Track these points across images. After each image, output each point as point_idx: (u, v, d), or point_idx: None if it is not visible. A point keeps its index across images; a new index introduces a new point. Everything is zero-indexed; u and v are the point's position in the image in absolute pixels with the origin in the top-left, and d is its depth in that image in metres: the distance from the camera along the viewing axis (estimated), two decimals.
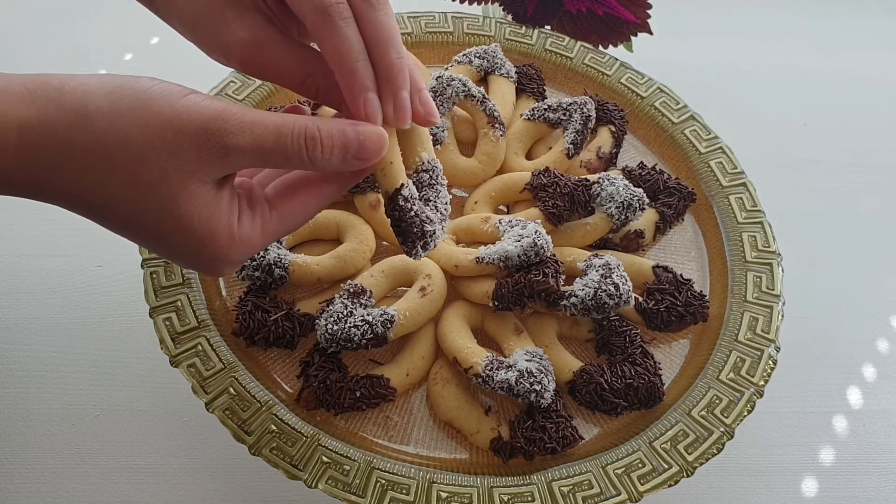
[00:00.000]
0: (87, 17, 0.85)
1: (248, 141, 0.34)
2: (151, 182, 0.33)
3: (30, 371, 0.58)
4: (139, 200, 0.33)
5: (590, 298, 0.51)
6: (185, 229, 0.34)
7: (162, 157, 0.33)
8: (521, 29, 0.75)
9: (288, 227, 0.38)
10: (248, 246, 0.36)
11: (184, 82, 0.61)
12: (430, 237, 0.41)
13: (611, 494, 0.47)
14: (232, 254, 0.36)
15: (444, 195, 0.43)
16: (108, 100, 0.33)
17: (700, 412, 0.51)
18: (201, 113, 0.33)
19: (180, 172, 0.33)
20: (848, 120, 0.88)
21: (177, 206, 0.34)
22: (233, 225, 0.35)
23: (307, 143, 0.35)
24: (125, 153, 0.32)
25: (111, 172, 0.33)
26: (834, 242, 0.77)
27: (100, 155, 0.32)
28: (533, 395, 0.48)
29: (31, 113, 0.32)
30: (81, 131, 0.32)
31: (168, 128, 0.33)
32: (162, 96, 0.33)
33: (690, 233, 0.65)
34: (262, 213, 0.37)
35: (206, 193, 0.34)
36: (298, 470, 0.45)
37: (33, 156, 0.32)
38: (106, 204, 0.34)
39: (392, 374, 0.51)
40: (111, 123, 0.32)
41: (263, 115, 0.35)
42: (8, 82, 0.32)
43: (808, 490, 0.59)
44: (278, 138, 0.34)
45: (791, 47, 0.97)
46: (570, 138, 0.63)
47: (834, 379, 0.66)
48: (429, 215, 0.41)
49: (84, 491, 0.53)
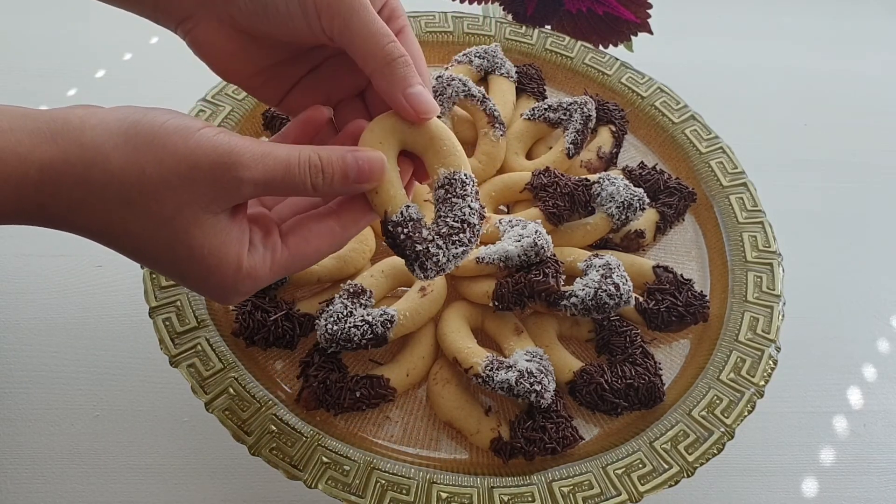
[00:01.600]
0: (86, 17, 0.85)
1: (259, 174, 0.35)
2: (166, 216, 0.35)
3: (30, 371, 0.58)
4: (153, 233, 0.35)
5: (590, 298, 0.51)
6: (195, 259, 0.36)
7: (177, 193, 0.34)
8: (522, 29, 0.75)
9: (297, 266, 0.39)
10: (254, 279, 0.38)
11: (183, 81, 0.61)
12: (425, 257, 0.40)
13: (611, 495, 0.47)
14: (238, 284, 0.37)
15: (461, 209, 0.41)
16: (125, 137, 0.34)
17: (700, 412, 0.51)
18: (216, 148, 0.35)
19: (193, 206, 0.35)
20: (848, 120, 0.88)
21: (189, 237, 0.35)
22: (241, 256, 0.37)
23: (311, 171, 0.37)
24: (140, 190, 0.34)
25: (128, 208, 0.34)
26: (834, 242, 0.77)
27: (117, 192, 0.34)
28: (533, 395, 0.48)
29: (53, 153, 0.33)
30: (100, 169, 0.34)
31: (183, 163, 0.34)
32: (177, 131, 0.35)
33: (691, 233, 0.65)
34: (273, 249, 0.38)
35: (217, 224, 0.36)
36: (298, 470, 0.45)
37: (53, 193, 0.33)
38: (122, 236, 0.35)
39: (392, 374, 0.51)
40: (128, 161, 0.34)
41: (272, 148, 0.36)
42: (34, 121, 0.34)
43: (808, 490, 0.59)
44: (287, 170, 0.36)
45: (791, 47, 0.97)
46: (571, 138, 0.63)
47: (834, 379, 0.66)
48: (422, 235, 0.40)
49: (84, 491, 0.53)
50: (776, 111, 0.88)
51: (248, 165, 0.35)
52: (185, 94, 0.65)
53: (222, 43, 0.41)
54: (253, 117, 0.64)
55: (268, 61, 0.43)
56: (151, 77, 0.79)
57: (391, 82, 0.39)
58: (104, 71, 0.80)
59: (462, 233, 0.41)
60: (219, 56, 0.42)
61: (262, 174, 0.35)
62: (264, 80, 0.44)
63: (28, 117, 0.34)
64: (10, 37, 0.81)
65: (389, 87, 0.39)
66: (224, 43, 0.41)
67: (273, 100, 0.45)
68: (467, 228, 0.41)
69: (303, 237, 0.39)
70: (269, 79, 0.44)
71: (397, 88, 0.39)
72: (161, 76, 0.79)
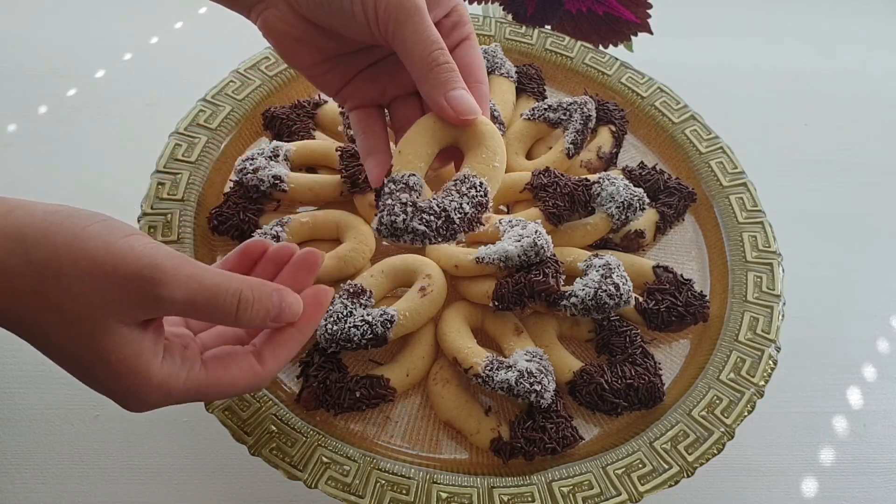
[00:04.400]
0: (86, 16, 0.85)
1: (181, 295, 0.35)
2: (77, 316, 0.34)
3: (30, 371, 0.58)
4: (64, 330, 0.34)
5: (590, 298, 0.51)
6: (102, 363, 0.35)
7: (90, 295, 0.34)
8: (521, 29, 0.75)
9: (213, 392, 0.39)
10: (167, 393, 0.37)
11: (183, 81, 0.61)
12: (386, 212, 0.40)
13: (611, 495, 0.47)
14: (145, 394, 0.37)
15: (451, 202, 0.40)
16: (47, 232, 0.34)
17: (700, 412, 0.51)
18: (137, 259, 0.34)
19: (105, 311, 0.34)
20: (848, 120, 0.88)
21: (97, 340, 0.35)
22: (151, 366, 0.36)
23: (240, 304, 0.37)
24: (56, 285, 0.34)
25: (42, 300, 0.34)
26: (834, 242, 0.77)
27: (33, 282, 0.34)
28: (533, 395, 0.48)
29: None
30: (19, 258, 0.33)
31: (99, 268, 0.34)
32: (99, 236, 0.34)
33: (691, 233, 0.65)
34: (190, 367, 0.38)
35: (128, 334, 0.35)
36: (298, 470, 0.45)
37: None
38: (33, 328, 0.35)
39: (392, 375, 0.51)
40: (47, 255, 0.34)
41: (202, 272, 0.36)
42: None
43: (808, 490, 0.59)
44: (213, 297, 0.36)
45: (791, 47, 0.97)
46: (571, 138, 0.63)
47: (834, 379, 0.66)
48: (401, 198, 0.40)
49: (84, 491, 0.53)
50: (776, 111, 0.88)
51: (170, 284, 0.35)
52: (185, 94, 0.65)
53: (288, 29, 0.43)
54: (253, 117, 0.64)
55: (331, 52, 0.44)
56: (151, 77, 0.79)
57: (434, 86, 0.40)
58: (104, 71, 0.80)
59: (436, 220, 0.40)
60: (284, 41, 0.43)
61: (185, 296, 0.35)
62: (325, 69, 0.45)
63: None
64: (10, 37, 0.81)
65: (432, 91, 0.40)
66: (290, 29, 0.43)
67: (331, 89, 0.46)
68: (443, 219, 0.40)
69: (223, 366, 0.39)
70: (330, 69, 0.45)
71: (439, 92, 0.40)
72: (161, 76, 0.79)
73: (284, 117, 0.63)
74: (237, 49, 0.69)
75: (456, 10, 0.43)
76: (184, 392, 0.38)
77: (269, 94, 0.65)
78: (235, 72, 0.65)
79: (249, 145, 0.63)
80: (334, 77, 0.45)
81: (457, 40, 0.43)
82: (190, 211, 0.57)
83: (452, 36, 0.43)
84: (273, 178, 0.57)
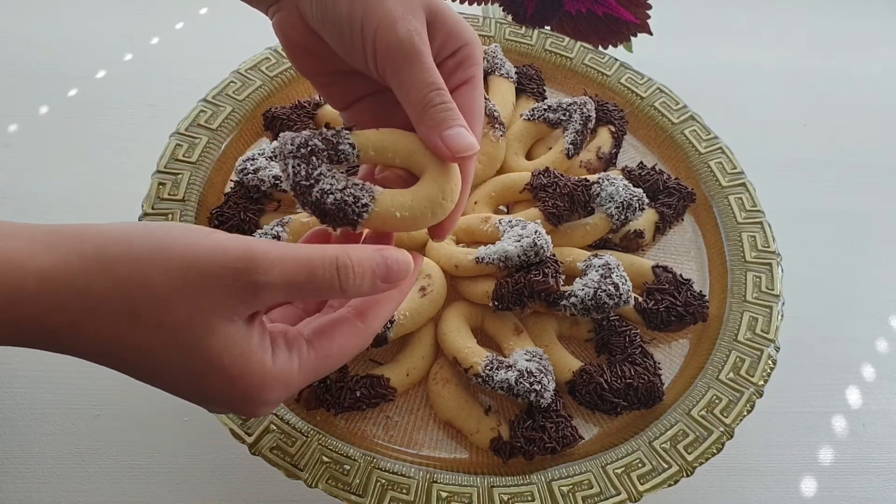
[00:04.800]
0: (87, 17, 0.85)
1: (278, 277, 0.33)
2: (177, 326, 0.32)
3: (30, 371, 0.58)
4: (165, 345, 0.32)
5: (589, 298, 0.51)
6: (214, 371, 0.33)
7: (187, 301, 0.32)
8: (521, 29, 0.75)
9: (325, 369, 0.37)
10: (284, 384, 0.35)
11: (184, 82, 0.61)
12: (306, 169, 0.38)
13: (610, 494, 0.47)
14: (266, 392, 0.35)
15: (365, 191, 0.38)
16: (127, 247, 0.32)
17: (700, 412, 0.51)
18: (227, 252, 0.32)
19: (207, 313, 0.32)
20: (848, 120, 0.88)
21: (204, 347, 0.33)
22: (265, 362, 0.34)
23: (339, 272, 0.34)
24: (149, 299, 0.32)
25: (134, 319, 0.32)
26: (834, 242, 0.77)
27: (122, 301, 0.31)
28: (533, 394, 0.48)
29: (52, 261, 0.31)
30: (102, 278, 0.31)
31: (192, 270, 0.32)
32: (181, 238, 0.33)
33: (690, 233, 0.65)
34: (299, 351, 0.36)
35: (236, 332, 0.33)
36: (298, 470, 0.45)
37: (52, 305, 0.31)
38: (129, 353, 0.33)
39: (392, 374, 0.51)
40: (132, 270, 0.32)
41: (291, 249, 0.34)
42: (32, 230, 0.32)
43: (807, 490, 0.59)
44: (310, 272, 0.34)
45: (791, 47, 0.97)
46: (570, 138, 0.63)
47: (834, 379, 0.66)
48: (330, 170, 0.38)
49: (85, 490, 0.53)
50: (776, 111, 0.88)
51: (264, 269, 0.32)
52: (185, 94, 0.65)
53: (296, 36, 0.42)
54: (253, 118, 0.64)
55: (335, 66, 0.43)
56: (152, 77, 0.79)
57: (429, 127, 0.38)
58: (104, 71, 0.80)
59: (346, 199, 0.38)
60: (292, 46, 0.43)
61: (281, 277, 0.33)
62: (329, 81, 0.44)
63: (26, 227, 0.32)
64: (11, 37, 0.81)
65: (428, 132, 0.38)
66: (298, 36, 0.42)
67: (336, 104, 0.46)
68: (347, 202, 0.38)
69: (327, 337, 0.37)
70: (335, 82, 0.44)
71: (435, 132, 0.38)
72: (161, 77, 0.79)
73: (285, 118, 0.63)
74: (238, 49, 0.69)
75: (464, 49, 0.41)
76: (300, 379, 0.36)
77: (269, 94, 0.65)
78: (236, 72, 0.65)
79: (250, 146, 0.64)
80: (338, 91, 0.45)
81: (457, 83, 0.41)
82: (191, 211, 0.57)
83: (454, 77, 0.41)
84: (274, 178, 0.57)
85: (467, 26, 0.42)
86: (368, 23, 0.38)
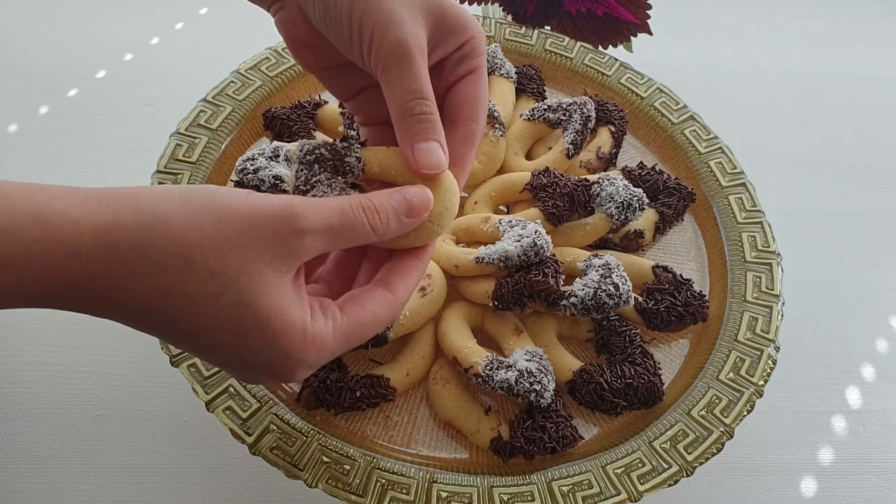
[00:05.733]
0: (87, 17, 0.85)
1: (318, 222, 0.34)
2: (230, 275, 0.33)
3: (30, 371, 0.58)
4: (215, 296, 0.33)
5: (589, 298, 0.51)
6: (261, 323, 0.34)
7: (240, 250, 0.33)
8: (521, 29, 0.75)
9: (358, 336, 0.38)
10: (321, 347, 0.36)
11: (184, 82, 0.61)
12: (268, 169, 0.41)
13: (610, 494, 0.47)
14: (305, 352, 0.35)
15: (328, 185, 0.41)
16: (181, 201, 0.33)
17: (700, 412, 0.51)
18: (271, 204, 0.34)
19: (258, 262, 0.33)
20: (848, 120, 0.88)
21: (255, 296, 0.33)
22: (306, 320, 0.35)
23: (367, 213, 0.36)
24: (202, 249, 0.32)
25: (188, 270, 0.32)
26: (834, 242, 0.77)
27: (176, 253, 0.32)
28: (533, 394, 0.48)
29: (106, 217, 0.32)
30: (157, 232, 0.32)
31: (243, 220, 0.33)
32: (230, 194, 0.34)
33: (690, 233, 0.65)
34: (333, 316, 0.37)
35: (284, 285, 0.34)
36: (298, 470, 0.45)
37: (109, 258, 0.32)
38: (179, 302, 0.33)
39: (392, 374, 0.51)
40: (186, 222, 0.33)
41: (323, 200, 0.36)
42: (86, 191, 0.32)
43: (807, 490, 0.59)
44: (343, 214, 0.35)
45: (791, 47, 0.97)
46: (570, 138, 0.63)
47: (833, 379, 0.66)
48: (307, 176, 0.41)
49: (84, 490, 0.53)
50: (776, 111, 0.88)
51: (306, 216, 0.34)
52: (185, 94, 0.65)
53: (299, 31, 0.43)
54: (253, 118, 0.64)
55: (338, 60, 0.43)
56: (152, 77, 0.79)
57: (404, 135, 0.39)
58: (104, 71, 0.80)
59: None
60: (295, 42, 0.44)
61: (321, 222, 0.35)
62: (334, 74, 0.45)
63: (80, 189, 0.33)
64: (11, 37, 0.81)
65: (402, 139, 0.39)
66: (299, 32, 0.43)
67: (341, 95, 0.46)
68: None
69: (359, 305, 0.38)
70: (339, 74, 0.45)
71: (407, 142, 0.39)
72: (161, 77, 0.79)
73: (285, 118, 0.63)
74: (238, 49, 0.69)
75: (469, 42, 0.42)
76: (336, 344, 0.36)
77: (269, 94, 0.65)
78: (236, 72, 0.65)
79: (250, 146, 0.64)
80: (343, 84, 0.45)
81: (460, 74, 0.42)
82: None
83: (457, 70, 0.42)
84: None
85: (471, 18, 0.42)
86: (366, 23, 0.39)
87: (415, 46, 0.39)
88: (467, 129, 0.41)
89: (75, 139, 0.73)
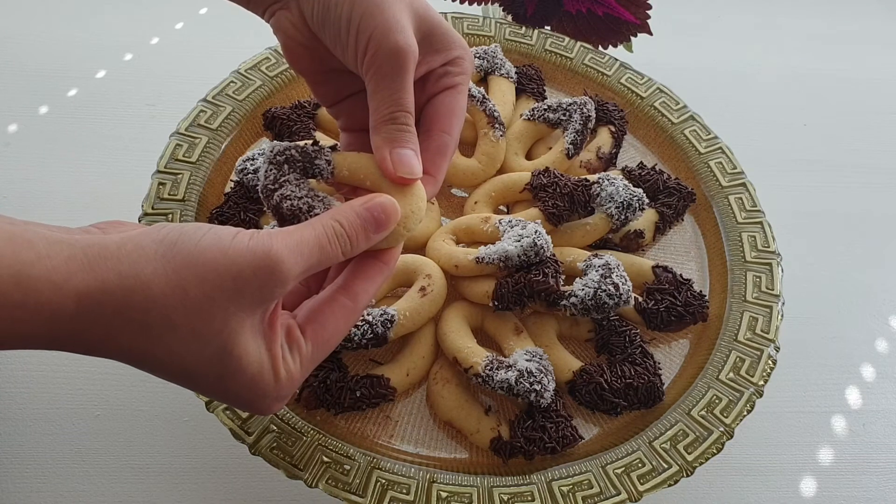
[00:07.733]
0: (87, 17, 0.85)
1: (300, 267, 0.35)
2: (213, 332, 0.34)
3: (30, 371, 0.58)
4: (200, 351, 0.34)
5: (590, 298, 0.51)
6: (241, 369, 0.35)
7: (223, 307, 0.34)
8: (521, 29, 0.75)
9: (324, 352, 0.39)
10: (292, 382, 0.37)
11: (184, 82, 0.61)
12: (273, 184, 0.41)
13: (611, 494, 0.47)
14: (280, 390, 0.37)
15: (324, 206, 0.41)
16: (163, 261, 0.33)
17: (700, 412, 0.51)
18: (254, 253, 0.34)
19: (240, 314, 0.34)
20: (848, 120, 0.88)
21: (234, 345, 0.34)
22: (278, 366, 0.36)
23: (340, 241, 0.37)
24: (184, 311, 0.33)
25: (171, 332, 0.33)
26: (834, 242, 0.77)
27: (159, 317, 0.33)
28: (533, 394, 0.48)
29: (90, 281, 0.32)
30: (140, 295, 0.33)
31: (225, 276, 0.34)
32: (213, 245, 0.34)
33: (690, 233, 0.65)
34: (298, 348, 0.38)
35: (260, 331, 0.36)
36: (298, 469, 0.45)
37: (91, 321, 0.32)
38: (164, 360, 0.34)
39: (392, 374, 0.51)
40: (169, 284, 0.33)
41: (301, 233, 0.36)
42: (70, 248, 0.32)
43: (807, 490, 0.59)
44: (321, 251, 0.36)
45: (791, 47, 0.97)
46: (570, 138, 0.63)
47: (834, 379, 0.66)
48: (301, 183, 0.41)
49: (84, 491, 0.53)
50: (776, 111, 0.88)
51: (288, 262, 0.35)
52: (185, 94, 0.65)
53: (295, 33, 0.43)
54: (253, 118, 0.64)
55: (330, 64, 0.44)
56: (151, 78, 0.79)
57: (384, 139, 0.40)
58: (104, 71, 0.80)
59: (301, 207, 0.40)
60: (291, 44, 0.44)
61: (303, 265, 0.35)
62: (322, 79, 0.45)
63: (64, 243, 0.32)
64: (10, 37, 0.81)
65: (381, 143, 0.40)
66: (297, 34, 0.43)
67: (326, 101, 0.47)
68: (302, 209, 0.40)
69: (319, 324, 0.39)
70: (328, 80, 0.45)
71: (386, 146, 0.40)
72: (161, 77, 0.79)
73: (285, 118, 0.63)
74: (238, 49, 0.69)
75: (455, 61, 0.43)
76: (304, 372, 0.38)
77: (269, 94, 0.65)
78: (236, 72, 0.65)
79: (250, 146, 0.64)
80: (329, 90, 0.46)
81: (441, 87, 0.43)
82: (191, 211, 0.57)
83: (441, 83, 0.43)
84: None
85: (459, 38, 0.44)
86: (365, 26, 0.39)
87: (410, 57, 0.39)
88: (441, 141, 0.42)
89: (75, 139, 0.73)
